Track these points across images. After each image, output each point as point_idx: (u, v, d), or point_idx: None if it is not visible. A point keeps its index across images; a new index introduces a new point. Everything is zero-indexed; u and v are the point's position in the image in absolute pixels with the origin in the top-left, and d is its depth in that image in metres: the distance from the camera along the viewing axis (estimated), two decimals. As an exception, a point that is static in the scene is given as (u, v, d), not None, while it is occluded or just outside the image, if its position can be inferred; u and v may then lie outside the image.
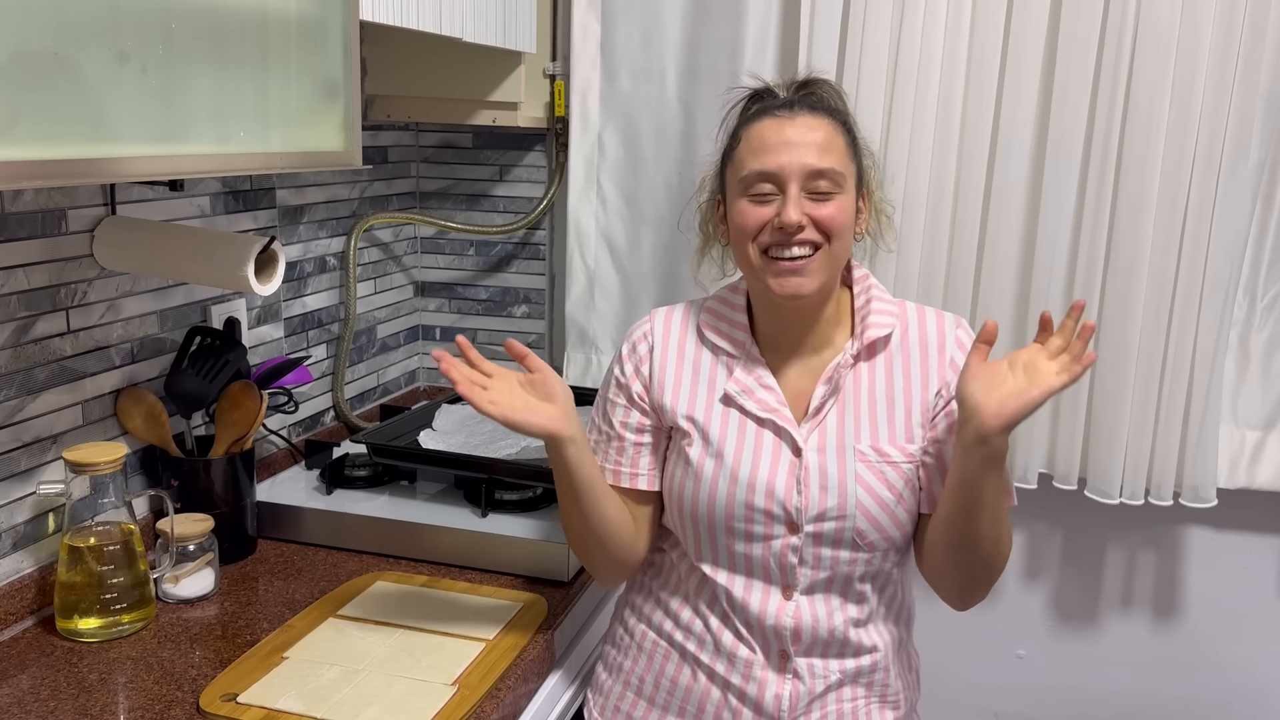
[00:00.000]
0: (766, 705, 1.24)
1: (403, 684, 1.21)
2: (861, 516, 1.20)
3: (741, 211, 1.20)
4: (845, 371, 1.24)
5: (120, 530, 1.33)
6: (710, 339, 1.28)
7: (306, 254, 1.90)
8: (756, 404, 1.23)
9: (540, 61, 2.06)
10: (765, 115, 1.21)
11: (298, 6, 1.24)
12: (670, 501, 1.28)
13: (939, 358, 1.25)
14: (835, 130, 1.20)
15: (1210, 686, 2.08)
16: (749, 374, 1.25)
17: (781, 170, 1.17)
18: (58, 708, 1.15)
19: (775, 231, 1.18)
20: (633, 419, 1.29)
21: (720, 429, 1.24)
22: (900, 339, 1.26)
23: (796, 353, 1.26)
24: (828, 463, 1.21)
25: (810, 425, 1.22)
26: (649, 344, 1.30)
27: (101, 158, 1.01)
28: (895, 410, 1.23)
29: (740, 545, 1.23)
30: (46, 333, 1.36)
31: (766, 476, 1.21)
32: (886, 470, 1.21)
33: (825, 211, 1.17)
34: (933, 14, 1.83)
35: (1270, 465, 1.91)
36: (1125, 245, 1.83)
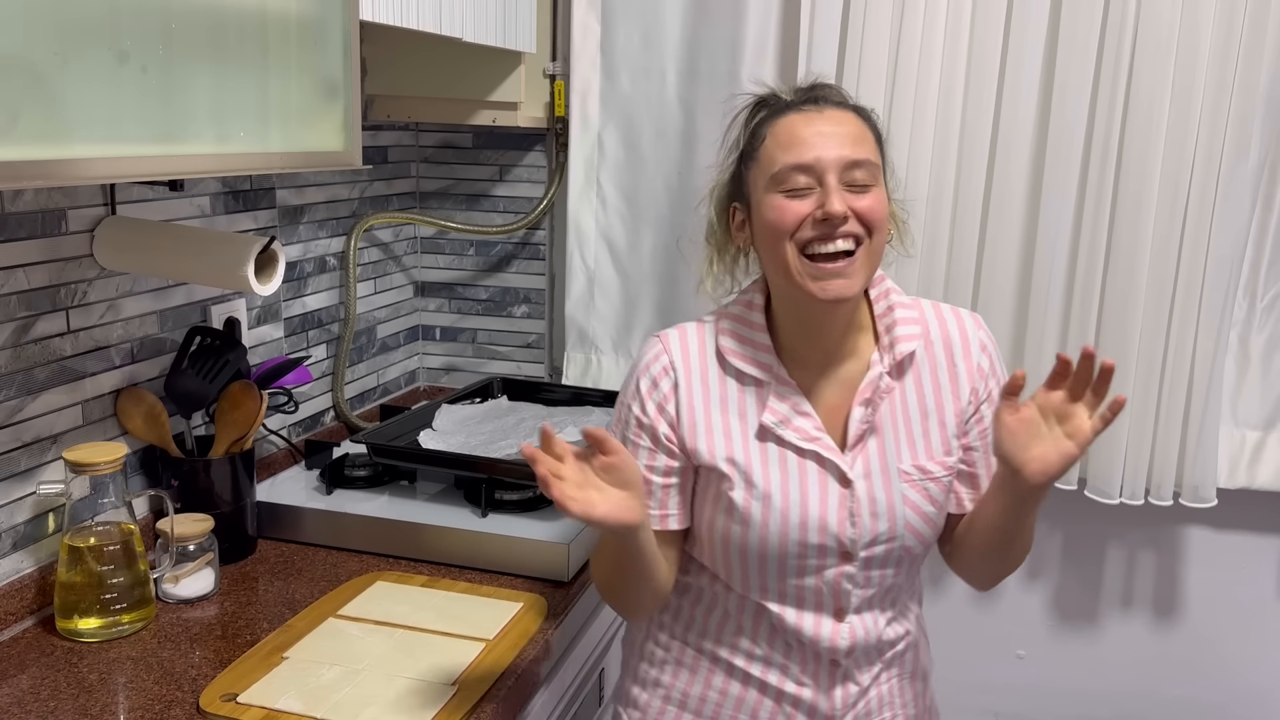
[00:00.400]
0: (820, 707, 1.23)
1: (403, 684, 1.21)
2: (910, 535, 1.18)
3: (776, 207, 1.13)
4: (885, 396, 1.19)
5: (120, 530, 1.33)
6: (734, 364, 1.20)
7: (306, 254, 1.90)
8: (796, 433, 1.17)
9: (540, 61, 2.06)
10: (790, 111, 1.16)
11: (298, 6, 1.23)
12: (713, 544, 1.21)
13: (965, 363, 1.22)
14: (864, 125, 1.17)
15: (1210, 686, 2.08)
16: (783, 401, 1.18)
17: (819, 161, 1.11)
18: (58, 708, 1.15)
19: (818, 224, 1.11)
20: (659, 462, 1.20)
21: (762, 468, 1.17)
22: (925, 348, 1.22)
23: (824, 365, 1.20)
24: (875, 489, 1.17)
25: (854, 453, 1.18)
26: (671, 379, 1.20)
27: (102, 158, 1.01)
28: (929, 423, 1.20)
29: (793, 579, 1.19)
30: (46, 333, 1.36)
31: (818, 513, 1.16)
32: (929, 486, 1.19)
33: (865, 203, 1.11)
34: (933, 14, 1.83)
35: (1270, 465, 1.91)
36: (1125, 245, 1.83)
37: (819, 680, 1.23)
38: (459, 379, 2.31)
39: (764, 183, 1.15)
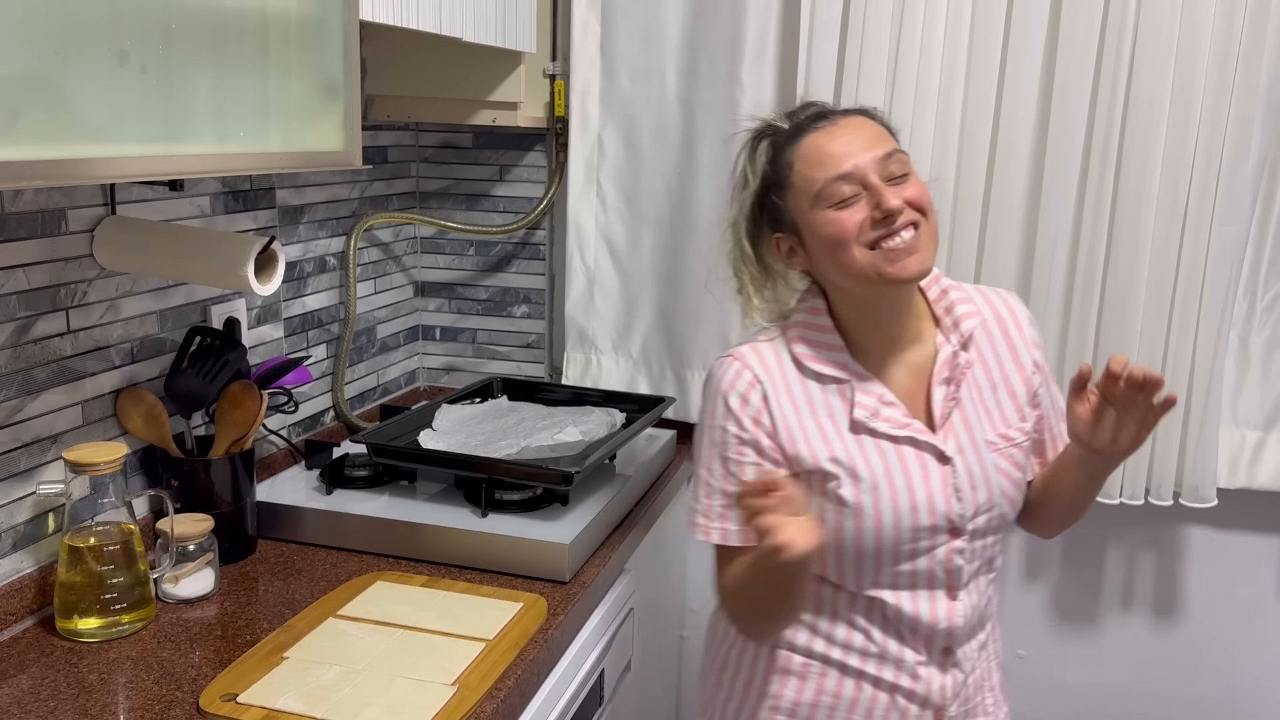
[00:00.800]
0: (932, 698, 1.26)
1: (403, 684, 1.21)
2: (1004, 501, 1.24)
3: (831, 221, 1.17)
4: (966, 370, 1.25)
5: (120, 530, 1.33)
6: (812, 368, 1.23)
7: (306, 254, 1.90)
8: (887, 423, 1.21)
9: (540, 61, 2.06)
10: (807, 132, 1.20)
11: (298, 6, 1.23)
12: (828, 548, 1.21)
13: (1020, 336, 1.29)
14: (876, 122, 1.22)
15: (1210, 686, 2.08)
16: (866, 394, 1.22)
17: (857, 168, 1.16)
18: (58, 708, 1.15)
19: (879, 224, 1.15)
20: None
21: (865, 461, 1.20)
22: (981, 324, 1.28)
23: (893, 354, 1.25)
24: (970, 462, 1.23)
25: (945, 431, 1.23)
26: (760, 391, 1.23)
27: (102, 158, 1.01)
28: (1000, 394, 1.27)
29: (906, 565, 1.22)
30: (46, 333, 1.36)
31: (925, 494, 1.20)
32: (1014, 453, 1.25)
33: (911, 191, 1.17)
34: (933, 14, 1.83)
35: (1270, 465, 1.91)
36: (1125, 245, 1.83)
37: (930, 669, 1.25)
38: (459, 379, 2.31)
39: (808, 204, 1.19)
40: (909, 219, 1.16)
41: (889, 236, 1.15)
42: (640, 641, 1.83)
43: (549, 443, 1.72)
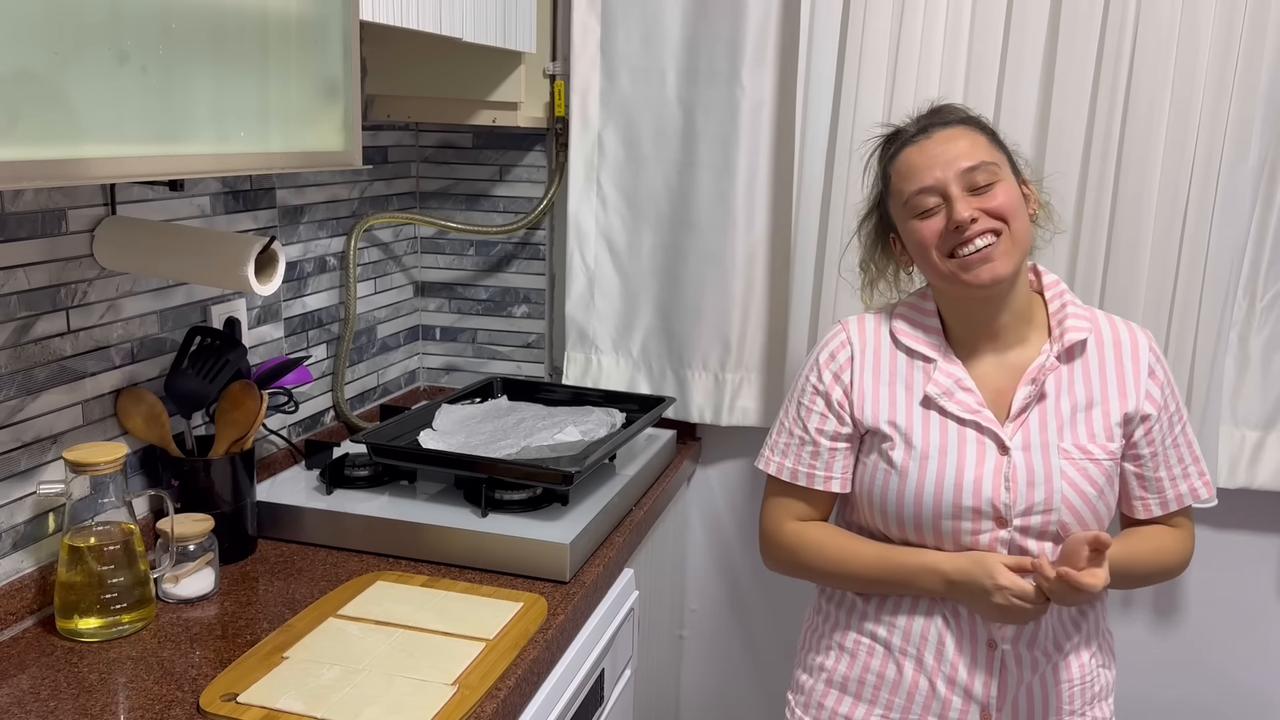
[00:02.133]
0: (975, 692, 1.29)
1: (403, 684, 1.21)
2: (1066, 510, 1.26)
3: (916, 230, 1.28)
4: (1050, 374, 1.29)
5: (120, 530, 1.33)
6: (905, 343, 1.33)
7: (306, 254, 1.90)
8: (958, 405, 1.28)
9: (540, 61, 2.06)
10: (905, 146, 1.31)
11: (298, 6, 1.24)
12: (872, 502, 1.32)
13: (1134, 367, 1.32)
14: (972, 131, 1.29)
15: (1210, 686, 2.08)
16: (948, 376, 1.30)
17: (938, 181, 1.25)
18: (58, 708, 1.15)
19: (952, 234, 1.24)
20: (829, 426, 1.34)
21: (923, 432, 1.28)
22: (1096, 344, 1.32)
23: (991, 351, 1.32)
24: (1033, 460, 1.26)
25: (1014, 425, 1.27)
26: (849, 352, 1.35)
27: (102, 158, 1.01)
28: (1094, 412, 1.29)
29: (949, 543, 1.27)
30: (46, 333, 1.36)
31: (974, 475, 1.26)
32: (1089, 466, 1.27)
33: (994, 200, 1.24)
34: (933, 14, 1.83)
35: (1270, 465, 1.91)
36: (1125, 245, 1.83)
37: (975, 662, 1.29)
38: (459, 379, 2.31)
39: (901, 212, 1.31)
40: (985, 227, 1.23)
41: (963, 244, 1.24)
42: (640, 641, 1.83)
43: (549, 443, 1.72)
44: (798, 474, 1.37)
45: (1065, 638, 1.32)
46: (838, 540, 1.36)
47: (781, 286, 2.01)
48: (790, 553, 1.39)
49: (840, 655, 1.37)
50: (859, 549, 1.34)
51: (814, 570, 1.37)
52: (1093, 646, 1.36)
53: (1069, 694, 1.33)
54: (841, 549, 1.34)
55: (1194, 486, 1.36)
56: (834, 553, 1.35)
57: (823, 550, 1.35)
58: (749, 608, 2.22)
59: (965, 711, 1.29)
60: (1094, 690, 1.36)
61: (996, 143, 1.31)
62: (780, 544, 1.40)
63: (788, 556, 1.40)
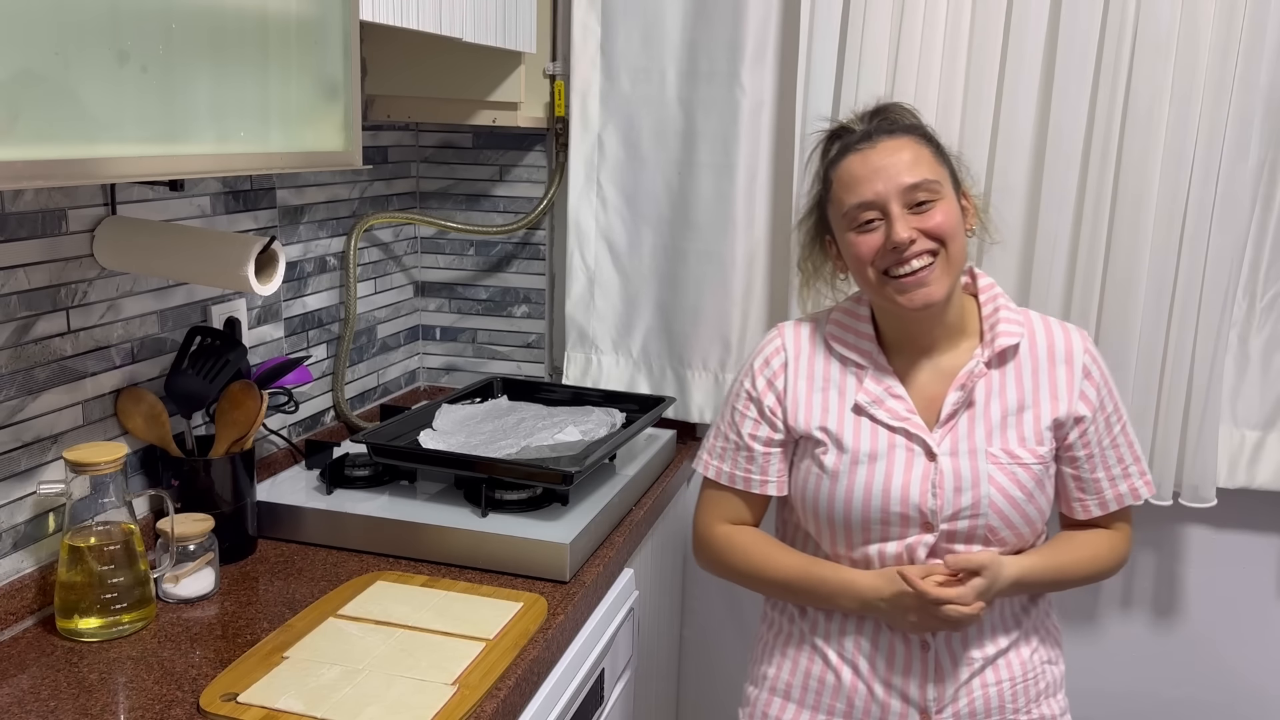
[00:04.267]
0: (913, 696, 1.29)
1: (403, 684, 1.21)
2: (993, 514, 1.26)
3: (853, 243, 1.27)
4: (978, 380, 1.29)
5: (120, 530, 1.33)
6: (838, 350, 1.33)
7: (306, 254, 1.90)
8: (887, 413, 1.28)
9: (540, 61, 2.06)
10: (848, 153, 1.28)
11: (298, 6, 1.24)
12: (805, 504, 1.32)
13: (1067, 370, 1.30)
14: (917, 143, 1.27)
15: (1210, 686, 2.08)
16: (878, 384, 1.30)
17: (879, 196, 1.23)
18: (58, 708, 1.15)
19: (889, 253, 1.23)
20: (761, 432, 1.34)
21: (854, 437, 1.28)
22: (1029, 349, 1.31)
23: (924, 357, 1.31)
24: (960, 465, 1.26)
25: (943, 431, 1.27)
26: (783, 358, 1.35)
27: (102, 158, 1.01)
28: (1024, 416, 1.29)
29: (876, 545, 1.28)
30: (46, 333, 1.36)
31: (901, 481, 1.26)
32: (1017, 471, 1.27)
33: (932, 221, 1.23)
34: (932, 14, 1.83)
35: (1270, 465, 1.91)
36: (1125, 245, 1.83)
37: (910, 665, 1.29)
38: (459, 379, 2.31)
39: (840, 222, 1.29)
40: (922, 248, 1.22)
41: (898, 265, 1.23)
42: (640, 641, 1.83)
43: (549, 443, 1.72)
44: (734, 478, 1.37)
45: (1004, 633, 1.31)
46: (763, 547, 1.36)
47: (781, 286, 2.01)
48: (718, 554, 1.39)
49: (783, 663, 1.38)
50: (782, 558, 1.34)
51: (739, 573, 1.38)
52: (1034, 642, 1.35)
53: (1011, 692, 1.32)
54: (765, 556, 1.35)
55: (1134, 486, 1.35)
56: (758, 559, 1.35)
57: (748, 555, 1.36)
58: (749, 607, 2.22)
59: (905, 715, 1.29)
60: (1039, 687, 1.35)
61: (940, 155, 1.29)
62: (710, 544, 1.40)
63: (716, 557, 1.40)
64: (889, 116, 1.33)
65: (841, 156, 1.29)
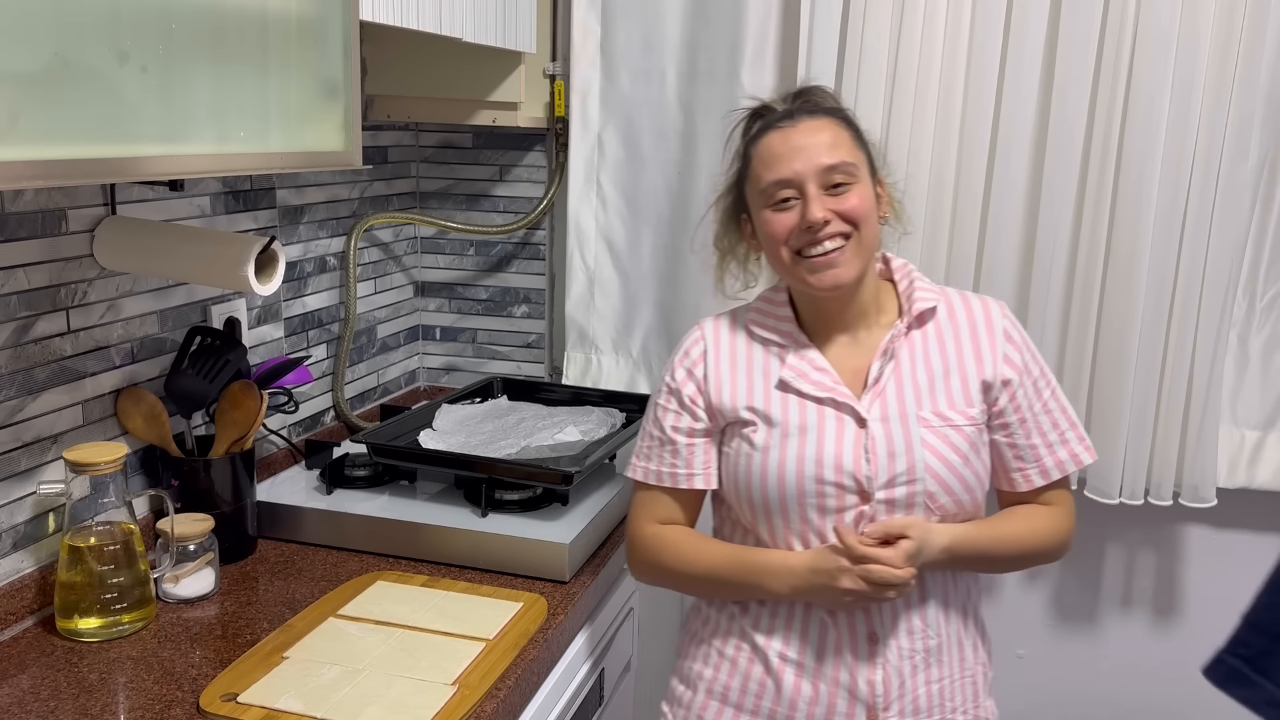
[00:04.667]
0: (860, 692, 1.26)
1: (403, 684, 1.21)
2: (930, 479, 1.24)
3: (768, 221, 1.26)
4: (900, 341, 1.29)
5: (120, 530, 1.33)
6: (759, 334, 1.33)
7: (306, 254, 1.90)
8: (813, 385, 1.28)
9: (540, 61, 2.06)
10: (769, 130, 1.28)
11: (298, 6, 1.24)
12: (738, 489, 1.30)
13: (989, 336, 1.31)
14: (837, 125, 1.27)
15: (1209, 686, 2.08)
16: (801, 359, 1.30)
17: (796, 175, 1.23)
18: (58, 708, 1.15)
19: (803, 233, 1.23)
20: (683, 423, 1.33)
21: (781, 412, 1.28)
22: (948, 314, 1.32)
23: (843, 334, 1.32)
24: (892, 431, 1.25)
25: (871, 396, 1.27)
26: (702, 347, 1.34)
27: (102, 158, 1.01)
28: (951, 378, 1.28)
29: (815, 519, 1.25)
30: (46, 333, 1.36)
31: (834, 449, 1.25)
32: (950, 433, 1.26)
33: (847, 203, 1.23)
34: (933, 14, 1.83)
35: (1269, 465, 1.91)
36: (1125, 245, 1.83)
37: (857, 659, 1.26)
38: (459, 379, 2.31)
39: (757, 199, 1.28)
40: (835, 230, 1.23)
41: (811, 245, 1.23)
42: (640, 641, 1.83)
43: (549, 443, 1.72)
44: (660, 475, 1.34)
45: (947, 626, 1.29)
46: (694, 540, 1.34)
47: (781, 286, 2.01)
48: (651, 555, 1.35)
49: (720, 663, 1.33)
50: (713, 548, 1.32)
51: (672, 573, 1.34)
52: (973, 638, 1.34)
53: (952, 689, 1.30)
54: (697, 549, 1.32)
55: (1074, 452, 1.32)
56: (689, 552, 1.32)
57: (679, 550, 1.32)
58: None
59: (851, 714, 1.26)
60: (977, 686, 1.34)
61: (859, 140, 1.28)
62: (641, 547, 1.36)
63: (648, 560, 1.35)
64: (811, 98, 1.33)
65: (762, 134, 1.28)
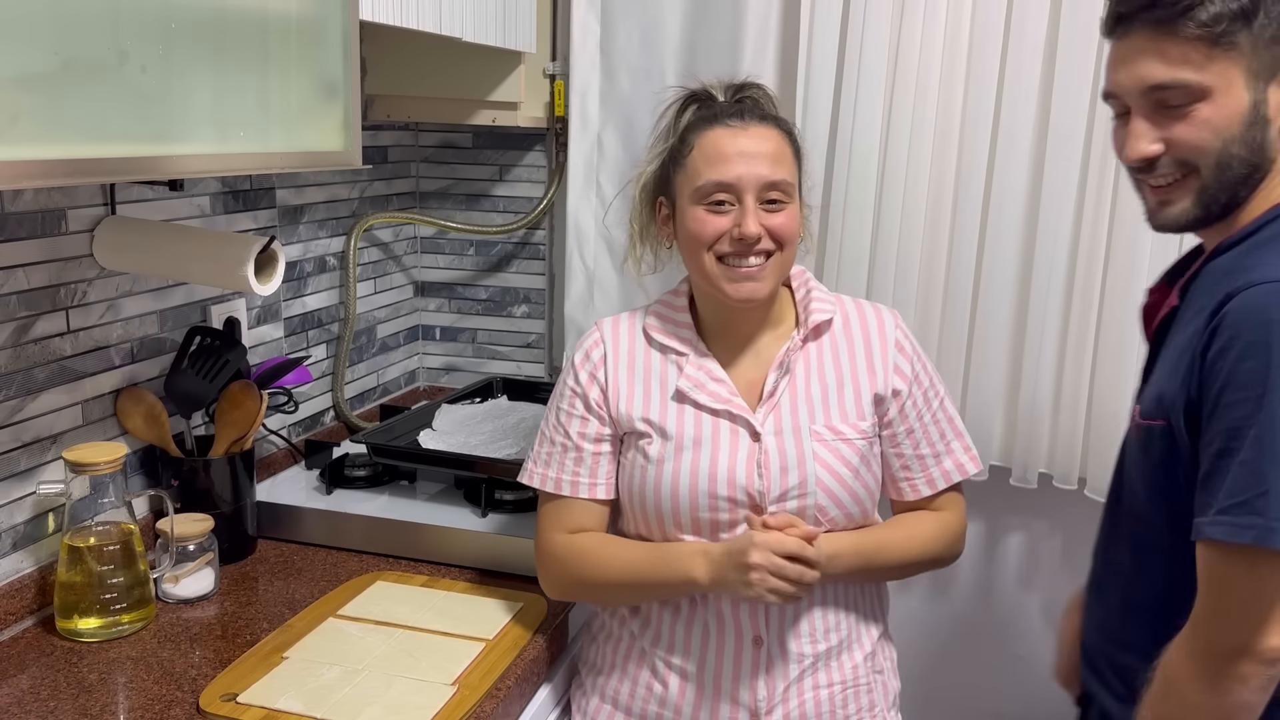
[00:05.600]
0: (742, 699, 1.25)
1: (403, 684, 1.21)
2: (821, 493, 1.24)
3: (698, 219, 1.24)
4: (795, 354, 1.29)
5: (120, 530, 1.33)
6: (657, 340, 1.32)
7: (306, 254, 1.90)
8: (709, 396, 1.27)
9: (540, 61, 2.06)
10: (717, 124, 1.25)
11: (298, 6, 1.24)
12: (632, 501, 1.29)
13: (882, 349, 1.31)
14: (784, 141, 1.26)
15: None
16: (698, 369, 1.29)
17: (739, 181, 1.22)
18: (58, 708, 1.15)
19: (735, 242, 1.23)
20: (590, 429, 1.31)
21: (677, 425, 1.27)
22: (843, 325, 1.32)
23: (743, 346, 1.31)
24: (785, 444, 1.25)
25: (765, 409, 1.26)
26: (601, 350, 1.33)
27: (102, 158, 1.01)
28: (844, 390, 1.29)
29: (706, 534, 1.25)
30: (46, 333, 1.36)
31: (727, 464, 1.24)
32: (841, 447, 1.26)
33: (778, 221, 1.23)
34: (932, 14, 1.83)
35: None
36: (1125, 244, 1.82)
37: (740, 662, 1.25)
38: (459, 379, 2.31)
39: (689, 192, 1.26)
40: (763, 248, 1.23)
41: (738, 256, 1.23)
42: (640, 641, 1.83)
43: (549, 443, 1.72)
44: (562, 483, 1.30)
45: (834, 631, 1.28)
46: (607, 545, 1.30)
47: (781, 286, 2.01)
48: (562, 566, 1.30)
49: (612, 672, 1.33)
50: (626, 550, 1.29)
51: (585, 582, 1.30)
52: (866, 646, 1.31)
53: (841, 697, 1.28)
54: (610, 553, 1.29)
55: (959, 462, 1.33)
56: (603, 556, 1.29)
57: (592, 555, 1.29)
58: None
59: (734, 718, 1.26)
60: (871, 697, 1.31)
61: (797, 159, 1.28)
62: (553, 558, 1.31)
63: (561, 571, 1.31)
64: (757, 100, 1.31)
65: (707, 126, 1.25)
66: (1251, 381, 0.98)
